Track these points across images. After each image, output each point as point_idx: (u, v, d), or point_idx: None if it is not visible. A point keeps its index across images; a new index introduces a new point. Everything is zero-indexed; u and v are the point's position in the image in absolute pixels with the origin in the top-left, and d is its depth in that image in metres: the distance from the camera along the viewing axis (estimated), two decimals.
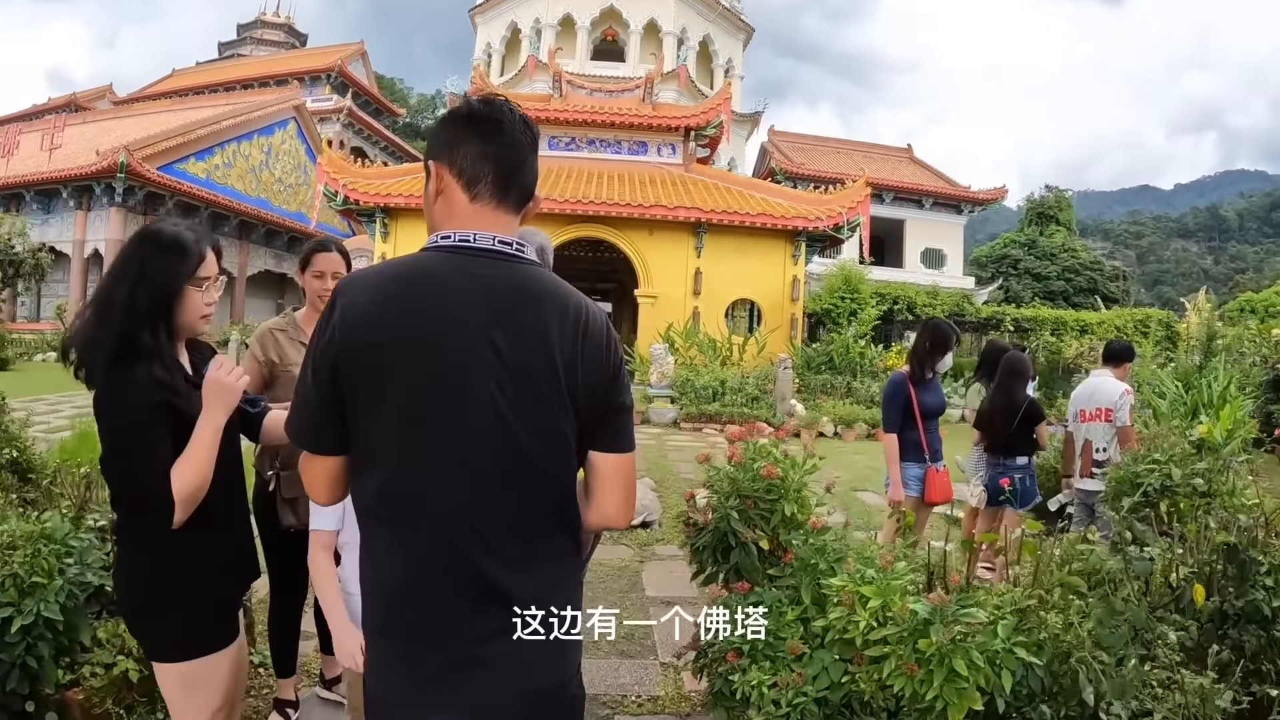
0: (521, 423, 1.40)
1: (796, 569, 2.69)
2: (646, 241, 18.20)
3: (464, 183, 1.45)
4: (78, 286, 29.20)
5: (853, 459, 12.03)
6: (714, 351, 16.29)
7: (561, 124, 20.31)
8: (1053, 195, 52.29)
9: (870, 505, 8.94)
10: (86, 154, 27.10)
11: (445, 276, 1.41)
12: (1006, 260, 45.39)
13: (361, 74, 56.73)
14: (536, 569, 1.46)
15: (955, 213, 37.43)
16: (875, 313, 17.38)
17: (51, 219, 29.83)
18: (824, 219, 17.89)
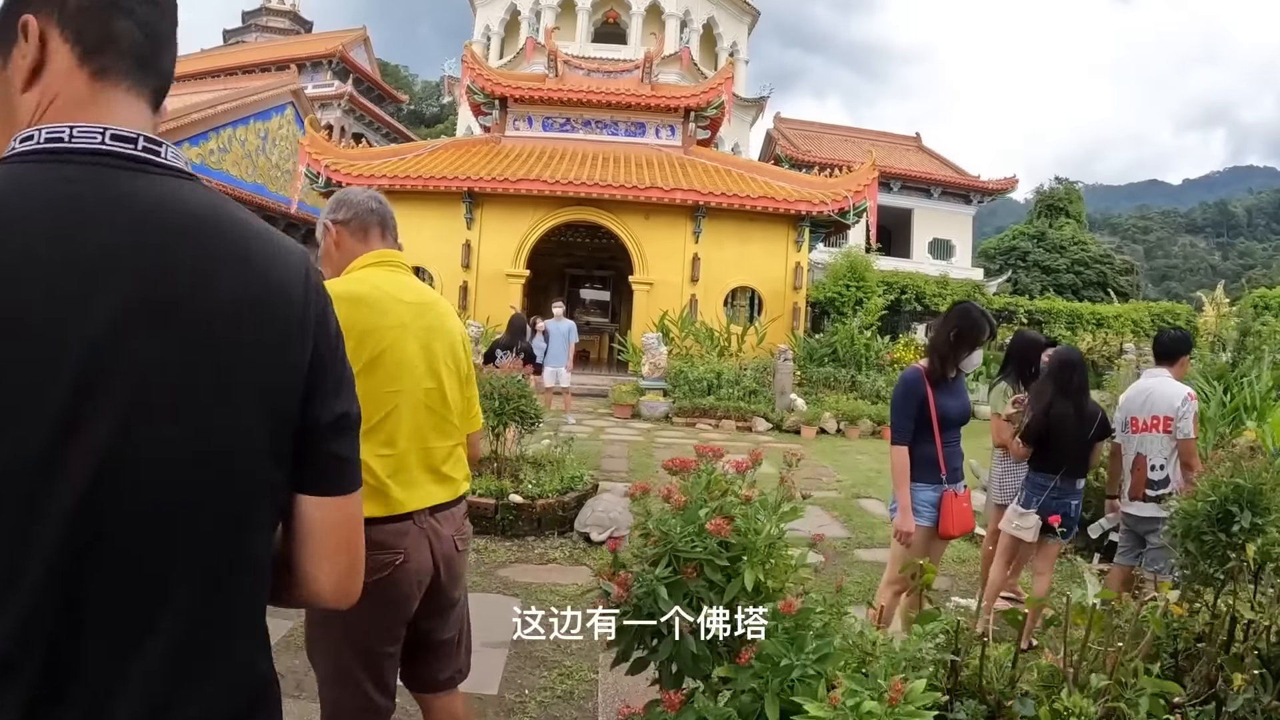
0: (166, 440, 0.84)
1: (760, 670, 1.73)
2: (642, 226, 17.24)
3: (83, 49, 0.91)
4: None
5: (855, 460, 11.10)
6: (711, 341, 15.34)
7: (556, 104, 19.35)
8: (1063, 187, 51.16)
9: (875, 517, 8.00)
10: None
11: (73, 200, 0.84)
12: (1015, 252, 44.36)
13: (364, 60, 55.69)
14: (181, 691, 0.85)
15: (964, 203, 36.44)
16: (882, 302, 16.42)
17: None
18: (829, 203, 16.89)
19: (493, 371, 6.81)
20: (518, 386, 6.64)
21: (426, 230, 17.28)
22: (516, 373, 6.88)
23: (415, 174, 16.61)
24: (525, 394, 6.67)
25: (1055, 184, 51.99)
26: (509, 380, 6.62)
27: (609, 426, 12.50)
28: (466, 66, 19.07)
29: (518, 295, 16.93)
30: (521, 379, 6.87)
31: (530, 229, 17.12)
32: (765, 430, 13.07)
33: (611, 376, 16.89)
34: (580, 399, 15.01)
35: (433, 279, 17.24)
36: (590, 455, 9.97)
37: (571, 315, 23.53)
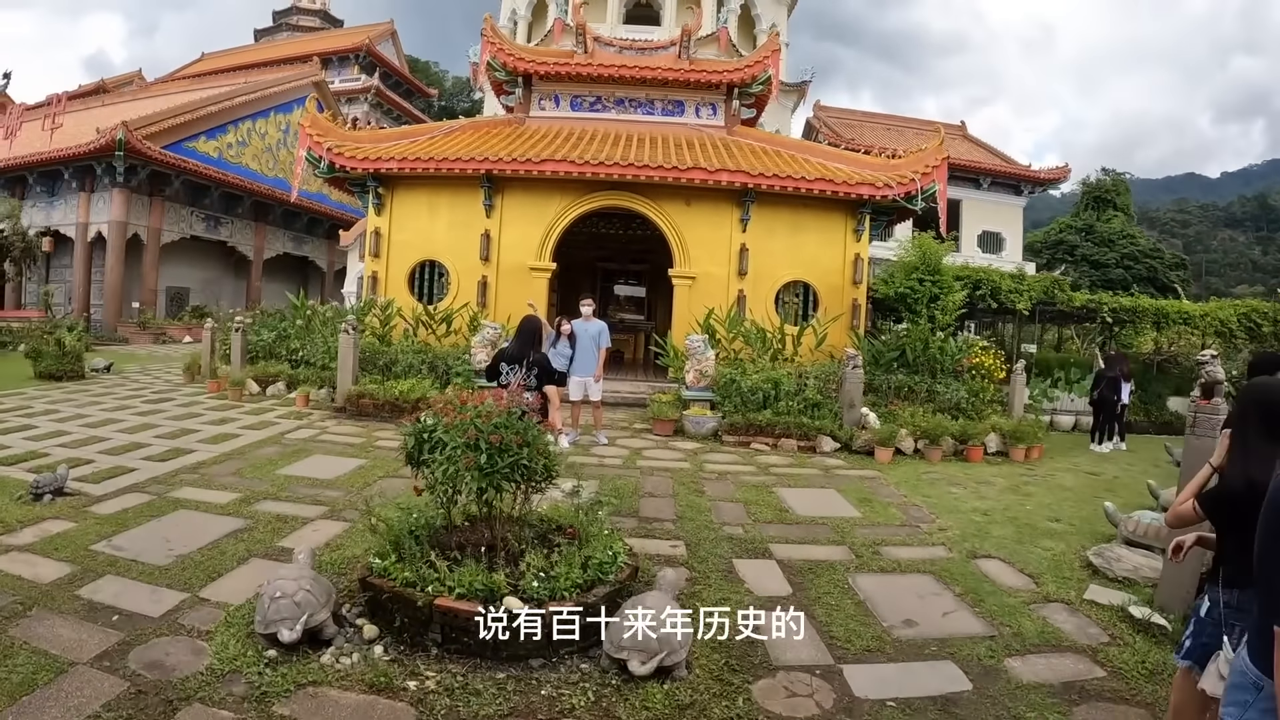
0: None
1: None
2: (683, 213, 14.94)
3: None
4: (80, 271, 26.90)
5: (949, 495, 8.74)
6: (763, 344, 13.00)
7: (586, 81, 17.07)
8: (1109, 178, 48.39)
9: (1008, 592, 5.73)
10: (89, 134, 24.45)
11: None
12: (1062, 246, 41.78)
13: (392, 54, 53.94)
14: None
15: (1014, 193, 33.90)
16: (960, 298, 13.97)
17: (56, 202, 27.61)
18: (894, 186, 14.45)
19: (485, 402, 4.61)
20: (519, 430, 4.44)
21: (440, 219, 15.21)
22: (517, 406, 4.68)
23: (427, 156, 14.41)
24: (531, 440, 4.46)
25: (1102, 175, 49.23)
26: (505, 420, 4.43)
27: (647, 448, 10.24)
28: (486, 41, 16.87)
29: (542, 291, 14.72)
30: (525, 414, 4.68)
31: (557, 217, 14.89)
32: (832, 451, 10.76)
33: (648, 382, 14.62)
34: (613, 410, 12.80)
35: (448, 273, 15.13)
36: (625, 493, 7.76)
37: (604, 313, 21.25)
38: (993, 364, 13.81)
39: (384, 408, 11.32)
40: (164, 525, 6.24)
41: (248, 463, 8.53)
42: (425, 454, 4.52)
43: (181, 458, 8.67)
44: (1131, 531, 6.66)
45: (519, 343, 6.49)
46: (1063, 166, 34.93)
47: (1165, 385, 17.67)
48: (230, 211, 31.31)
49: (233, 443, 9.56)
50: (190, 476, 7.84)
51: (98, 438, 9.64)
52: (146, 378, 16.30)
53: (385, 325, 13.82)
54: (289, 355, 14.10)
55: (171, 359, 19.34)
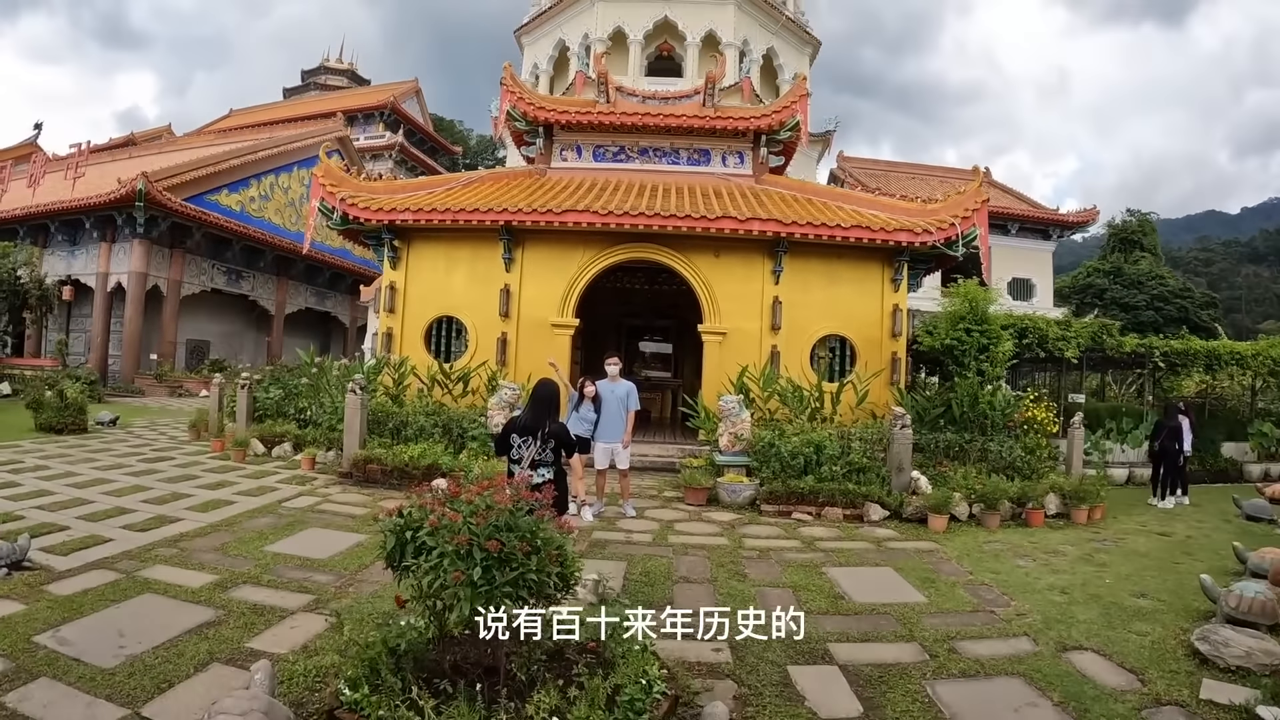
0: None
1: None
2: (712, 265, 14.13)
3: None
4: (99, 321, 26.45)
5: (1018, 569, 7.71)
6: (800, 403, 12.03)
7: (608, 130, 16.44)
8: (1135, 219, 47.49)
9: (1108, 689, 4.87)
10: (112, 184, 24.22)
11: None
12: (1091, 290, 40.82)
13: (416, 112, 54.31)
14: None
15: (1043, 238, 33.21)
16: (1010, 347, 12.98)
17: (78, 251, 27.37)
18: (933, 231, 13.57)
19: (483, 493, 3.71)
20: (525, 533, 3.52)
21: (458, 274, 14.47)
22: (525, 501, 3.77)
23: (444, 207, 13.72)
24: (541, 544, 3.54)
25: (1127, 216, 48.35)
26: (508, 518, 3.52)
27: (679, 520, 9.25)
28: (506, 90, 16.31)
29: (564, 349, 13.88)
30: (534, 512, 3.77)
31: (579, 271, 14.11)
32: (881, 520, 9.73)
33: (677, 445, 13.65)
34: (640, 476, 11.84)
35: (466, 330, 14.34)
36: (656, 577, 6.80)
37: (630, 370, 20.44)
38: (1045, 417, 12.77)
39: (392, 474, 10.43)
40: (123, 613, 5.43)
41: (235, 536, 7.72)
42: (408, 557, 3.61)
43: (165, 527, 7.91)
44: (1234, 608, 5.77)
45: (533, 411, 5.61)
46: (1091, 209, 34.24)
47: (1217, 430, 16.58)
48: (252, 265, 30.98)
49: (224, 511, 8.78)
50: (168, 552, 7.04)
51: (82, 500, 8.98)
52: (151, 433, 15.65)
53: (398, 385, 13.01)
54: (297, 414, 13.35)
55: (183, 413, 18.66)
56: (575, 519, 8.75)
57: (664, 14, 29.48)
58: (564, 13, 31.51)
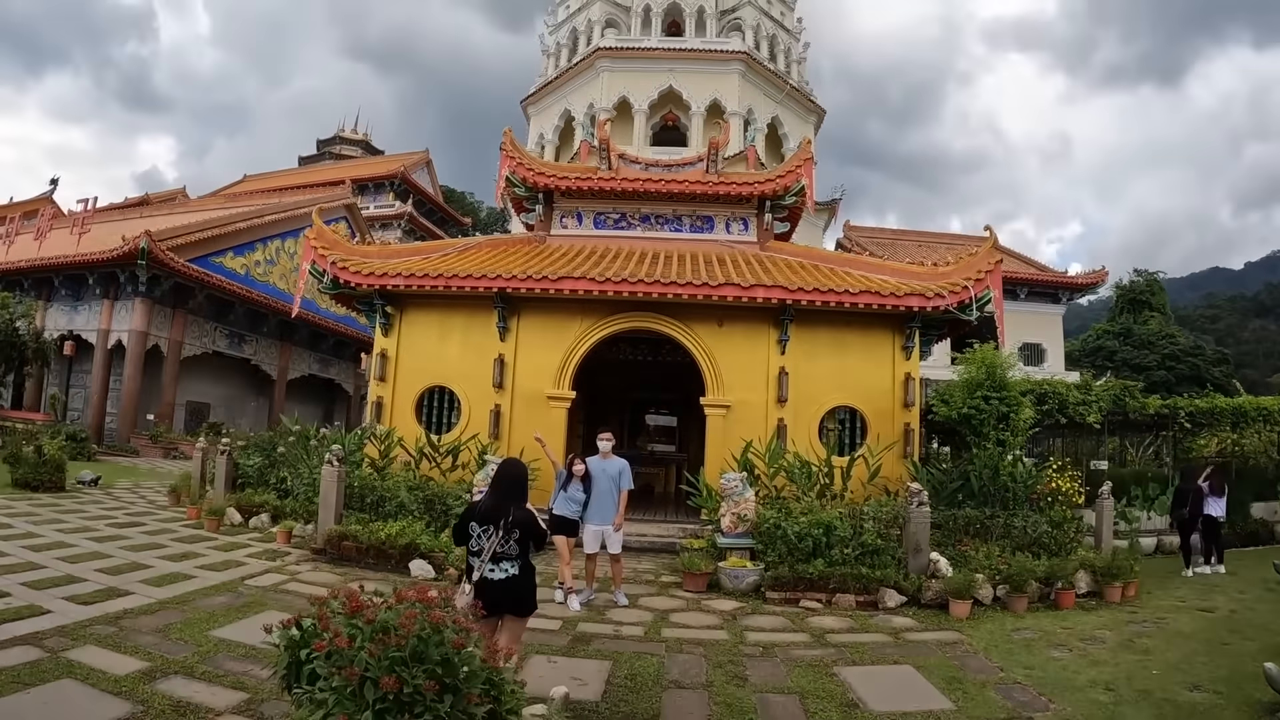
0: None
1: None
2: (715, 335, 13.52)
3: None
4: (98, 378, 26.07)
5: (1053, 662, 6.90)
6: (808, 479, 11.23)
7: (609, 196, 16.04)
8: (1143, 279, 47.14)
9: None
10: (117, 241, 24.04)
11: None
12: (1101, 353, 40.29)
13: (426, 182, 54.69)
14: None
15: (1052, 302, 32.75)
16: (1031, 415, 12.23)
17: (80, 307, 27.16)
18: (946, 295, 12.94)
19: (394, 607, 3.01)
20: (440, 664, 2.80)
21: (452, 343, 13.90)
22: (444, 623, 3.05)
23: (436, 273, 13.19)
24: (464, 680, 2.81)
25: (1135, 277, 48.01)
26: (418, 644, 2.82)
27: (676, 610, 8.41)
28: (505, 155, 15.98)
29: (560, 423, 13.18)
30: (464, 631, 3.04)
31: (577, 341, 13.51)
32: (898, 607, 8.88)
33: (678, 524, 12.84)
34: (637, 557, 11.04)
35: (459, 401, 13.68)
36: (644, 681, 5.99)
37: (634, 444, 19.71)
38: (1070, 488, 11.96)
39: (368, 552, 9.65)
40: (29, 702, 4.81)
41: (183, 616, 7.01)
42: (302, 681, 2.88)
43: (111, 601, 7.27)
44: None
45: (495, 495, 4.89)
46: (1100, 270, 33.84)
47: (1245, 489, 15.67)
48: (255, 329, 30.63)
49: (181, 586, 8.09)
50: (104, 630, 6.38)
51: (34, 564, 8.44)
52: (131, 496, 15.04)
53: (384, 457, 12.29)
54: (277, 484, 12.65)
55: (171, 476, 18.03)
56: (561, 608, 7.97)
57: (668, 84, 29.62)
58: (569, 83, 31.73)
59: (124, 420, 25.62)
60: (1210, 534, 12.04)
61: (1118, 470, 16.28)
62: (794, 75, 32.67)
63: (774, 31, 32.79)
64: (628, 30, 31.77)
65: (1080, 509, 12.19)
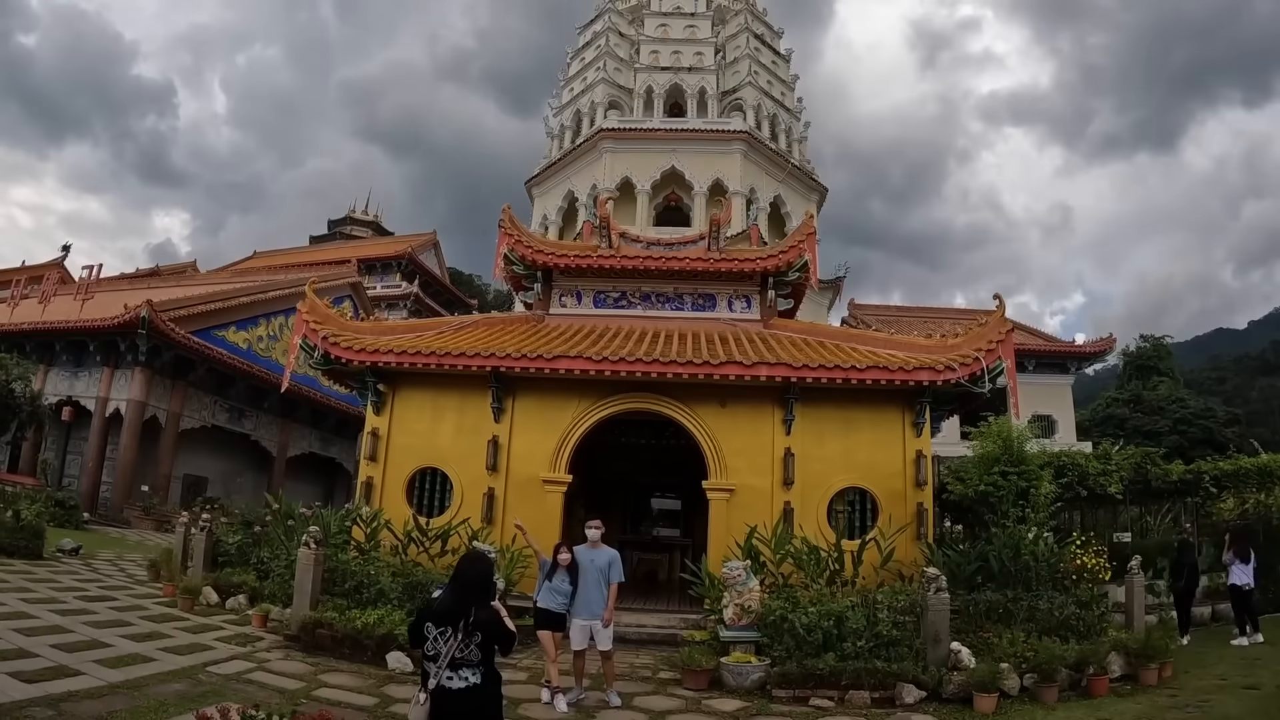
0: None
1: None
2: (718, 416, 13.01)
3: None
4: (94, 446, 25.58)
5: None
6: (817, 566, 10.56)
7: (609, 275, 15.77)
8: (1149, 344, 46.67)
9: None
10: (119, 309, 23.85)
11: None
12: (1111, 421, 39.58)
13: (434, 264, 55.03)
14: None
15: (1061, 372, 32.37)
16: (1052, 490, 11.61)
17: (80, 374, 26.78)
18: (956, 368, 12.42)
19: None
20: None
21: (445, 423, 13.45)
22: None
23: (429, 351, 12.79)
24: None
25: (1141, 343, 47.53)
26: None
27: (672, 712, 7.68)
28: (504, 232, 15.77)
29: (555, 508, 12.60)
30: None
31: (573, 423, 13.02)
32: (917, 702, 8.16)
33: (680, 614, 12.06)
34: (635, 651, 10.31)
35: (451, 484, 13.12)
36: None
37: (638, 528, 19.03)
38: (1096, 563, 11.23)
39: (344, 642, 8.97)
40: None
41: (131, 703, 6.45)
42: None
43: (58, 681, 6.75)
44: None
45: (455, 593, 4.31)
46: (1108, 337, 33.43)
47: (1273, 553, 14.84)
48: (256, 405, 30.22)
49: (137, 669, 7.52)
50: (42, 714, 5.90)
51: None
52: (110, 568, 14.46)
53: (370, 540, 11.67)
54: (257, 564, 11.98)
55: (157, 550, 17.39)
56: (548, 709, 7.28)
57: (671, 164, 29.81)
58: (573, 164, 32.01)
59: (118, 490, 25.03)
60: (1239, 604, 11.63)
61: (1140, 542, 15.56)
62: (795, 154, 32.93)
63: (775, 111, 33.19)
64: (630, 111, 32.19)
65: (1105, 585, 11.49)
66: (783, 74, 34.93)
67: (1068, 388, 32.56)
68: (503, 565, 10.91)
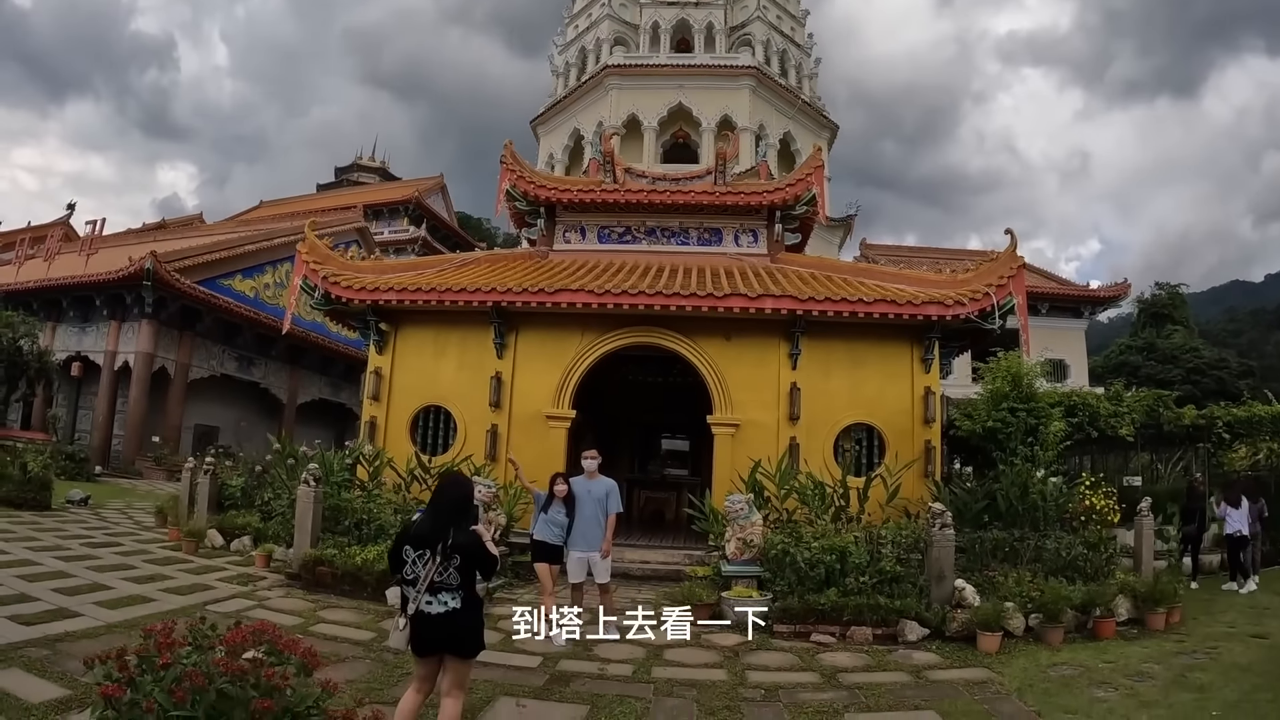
0: None
1: None
2: (723, 350, 12.75)
3: None
4: (104, 400, 25.61)
5: (1098, 703, 6.12)
6: (822, 501, 10.39)
7: (613, 209, 15.38)
8: (1165, 293, 45.93)
9: None
10: (124, 262, 23.66)
11: None
12: (1124, 369, 39.17)
13: (441, 208, 54.43)
14: None
15: (1074, 316, 31.85)
16: (1061, 428, 11.37)
17: (88, 328, 26.72)
18: (966, 303, 12.10)
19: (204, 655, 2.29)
20: None
21: (448, 360, 13.24)
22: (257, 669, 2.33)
23: (429, 287, 12.54)
24: None
25: (1156, 291, 46.77)
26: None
27: (672, 645, 7.56)
28: (506, 168, 15.37)
29: (559, 443, 12.43)
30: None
31: (577, 357, 12.79)
32: (919, 640, 8.02)
33: (685, 550, 11.99)
34: (638, 586, 10.24)
35: (454, 421, 12.97)
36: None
37: (646, 467, 18.98)
38: (1105, 505, 11.05)
39: (344, 578, 8.92)
40: None
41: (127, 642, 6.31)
42: None
43: (57, 622, 6.74)
44: None
45: (433, 515, 4.13)
46: (1122, 282, 32.89)
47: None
48: (264, 353, 30.16)
49: (136, 610, 7.46)
50: (37, 653, 5.85)
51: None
52: (118, 516, 14.51)
53: (373, 479, 11.58)
54: (261, 505, 11.94)
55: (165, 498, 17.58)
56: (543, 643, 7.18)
57: (678, 100, 29.11)
58: (578, 102, 31.32)
59: (129, 442, 25.15)
60: (1232, 551, 11.60)
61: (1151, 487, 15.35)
62: (806, 90, 32.09)
63: (784, 47, 32.27)
64: (636, 47, 31.37)
65: (1114, 529, 11.32)
66: (792, 9, 33.89)
67: (1081, 332, 32.15)
68: (505, 501, 10.80)
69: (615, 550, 8.40)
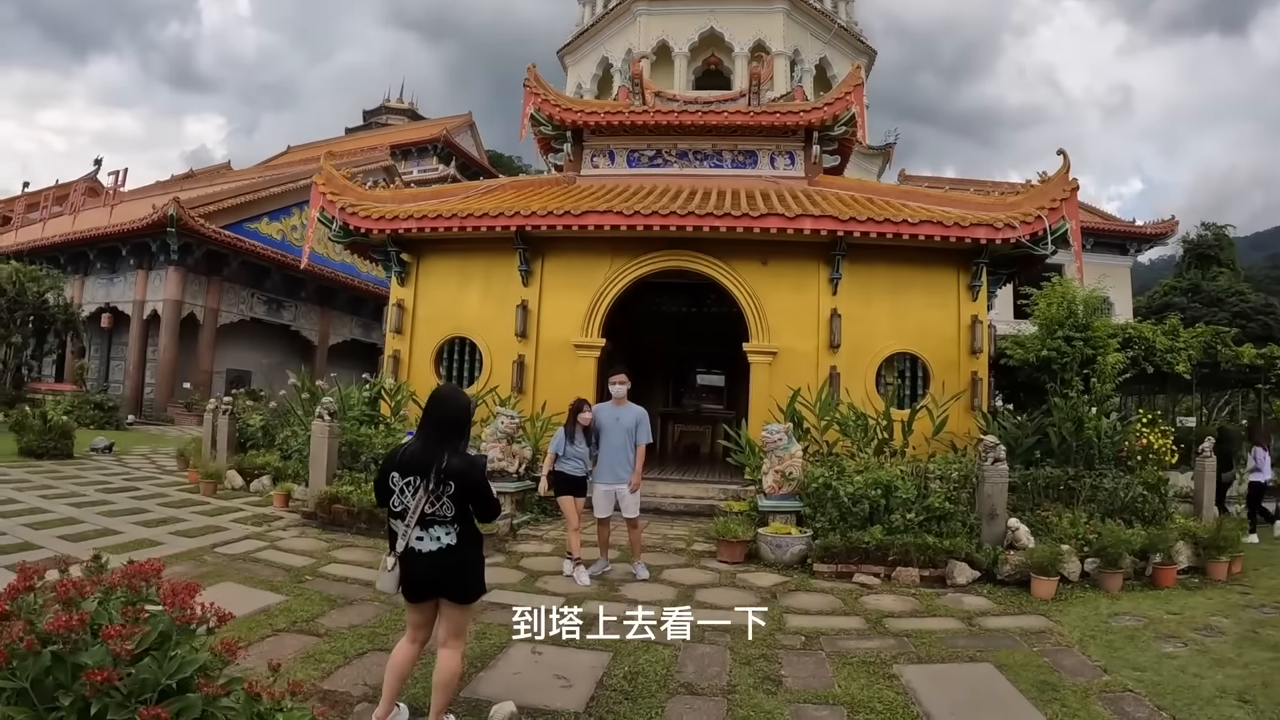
0: None
1: None
2: (759, 275, 12.00)
3: None
4: (135, 349, 25.53)
5: (1165, 658, 5.44)
6: (864, 434, 9.71)
7: (643, 132, 14.49)
8: (1211, 233, 43.84)
9: None
10: (148, 211, 23.27)
11: None
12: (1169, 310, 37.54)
13: (470, 146, 53.39)
14: None
15: (1120, 253, 30.49)
16: (1119, 359, 10.53)
17: (116, 279, 26.56)
18: (1016, 226, 11.18)
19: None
20: None
21: (472, 290, 12.64)
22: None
23: (450, 214, 11.88)
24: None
25: (1202, 231, 44.67)
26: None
27: (704, 585, 7.00)
28: (530, 92, 14.52)
29: (589, 373, 11.84)
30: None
31: (605, 283, 12.13)
32: (970, 583, 7.38)
33: (720, 484, 11.41)
34: (671, 522, 9.70)
35: (480, 353, 12.43)
36: (647, 684, 4.60)
37: (681, 401, 18.34)
38: (1163, 445, 10.25)
39: (360, 516, 8.46)
40: None
41: None
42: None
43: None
44: None
45: (425, 437, 3.52)
46: (1170, 219, 31.29)
47: None
48: (294, 295, 29.82)
49: (141, 554, 6.96)
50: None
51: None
52: (141, 462, 14.26)
53: (396, 413, 11.10)
54: (281, 445, 11.53)
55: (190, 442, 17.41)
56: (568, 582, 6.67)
57: (709, 25, 27.75)
58: (606, 29, 30.03)
59: (161, 389, 25.08)
60: (1252, 499, 11.20)
61: (1206, 429, 14.48)
62: (842, 14, 30.48)
63: None
64: None
65: (1169, 470, 10.55)
66: None
67: (1126, 270, 30.81)
68: (531, 433, 10.28)
69: (646, 484, 7.83)
